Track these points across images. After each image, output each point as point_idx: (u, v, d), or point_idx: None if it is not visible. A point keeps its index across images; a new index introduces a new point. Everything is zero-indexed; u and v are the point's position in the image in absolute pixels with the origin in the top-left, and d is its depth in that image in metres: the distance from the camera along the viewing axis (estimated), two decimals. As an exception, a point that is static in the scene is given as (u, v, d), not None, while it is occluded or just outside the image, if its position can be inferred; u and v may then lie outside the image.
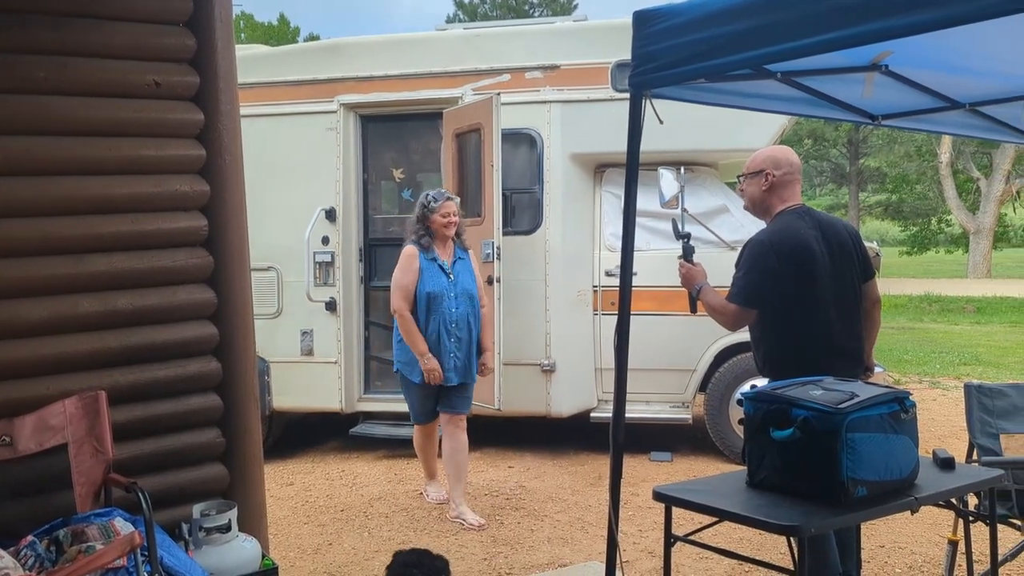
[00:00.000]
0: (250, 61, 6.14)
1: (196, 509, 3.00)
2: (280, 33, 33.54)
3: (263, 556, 3.10)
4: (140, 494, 2.55)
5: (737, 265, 3.36)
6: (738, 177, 3.61)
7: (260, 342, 3.52)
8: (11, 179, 2.78)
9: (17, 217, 2.80)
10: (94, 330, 2.95)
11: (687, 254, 3.55)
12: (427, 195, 4.84)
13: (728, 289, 3.34)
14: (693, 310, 3.57)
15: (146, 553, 2.48)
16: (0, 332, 2.77)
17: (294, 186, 6.28)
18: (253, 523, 3.30)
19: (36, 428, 2.72)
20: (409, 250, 4.77)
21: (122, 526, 2.61)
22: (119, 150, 2.98)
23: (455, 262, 4.83)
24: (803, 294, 3.24)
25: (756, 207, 3.48)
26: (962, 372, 9.93)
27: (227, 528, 2.98)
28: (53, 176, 2.87)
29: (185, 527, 2.98)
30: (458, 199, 4.92)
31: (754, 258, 3.28)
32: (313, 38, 31.93)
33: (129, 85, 2.99)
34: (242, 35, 30.62)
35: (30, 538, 2.58)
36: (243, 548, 3.00)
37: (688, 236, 3.60)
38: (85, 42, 2.89)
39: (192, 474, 3.19)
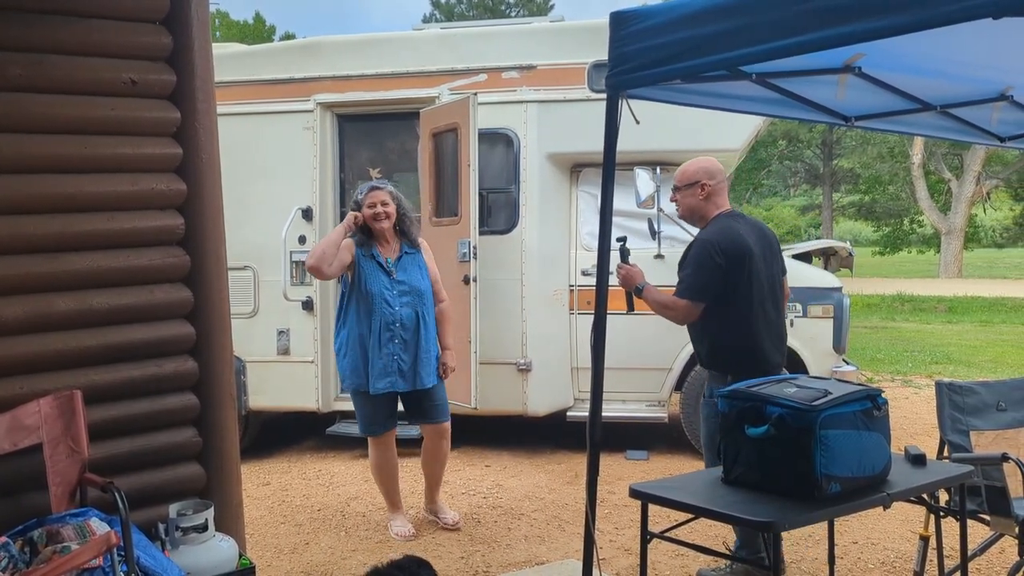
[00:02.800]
0: (227, 59, 6.11)
1: (172, 509, 2.98)
2: (255, 31, 33.34)
3: (240, 555, 3.09)
4: (116, 494, 2.54)
5: (682, 264, 3.70)
6: (672, 189, 3.93)
7: (237, 341, 3.50)
8: (-16, 177, 2.75)
9: (-9, 215, 2.77)
10: (69, 329, 2.93)
11: (624, 256, 3.84)
12: (360, 186, 4.51)
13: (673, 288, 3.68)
14: (631, 308, 3.86)
15: (122, 553, 2.46)
16: (-27, 331, 2.74)
17: (271, 185, 6.25)
18: (230, 523, 3.28)
19: (10, 428, 2.69)
20: (346, 243, 4.33)
21: (98, 526, 2.59)
22: (95, 148, 2.95)
23: (400, 258, 4.40)
24: (744, 289, 3.61)
25: (693, 215, 3.84)
26: (934, 370, 10.08)
27: (204, 528, 2.96)
28: (28, 174, 2.84)
29: (162, 527, 2.96)
30: (389, 185, 4.46)
31: (701, 256, 3.61)
32: (288, 37, 31.75)
33: (105, 83, 2.96)
34: (217, 33, 30.36)
35: (4, 539, 2.55)
36: (220, 548, 2.99)
37: (624, 239, 3.88)
38: (61, 39, 2.86)
39: (168, 474, 3.17)
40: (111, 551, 2.35)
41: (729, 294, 3.58)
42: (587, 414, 3.15)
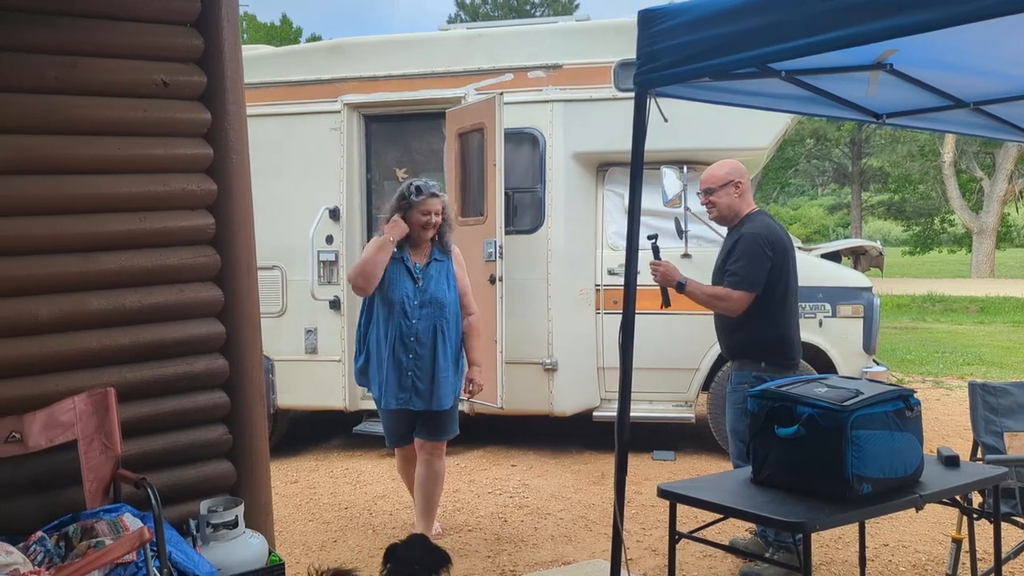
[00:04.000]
0: (255, 61, 6.16)
1: (203, 505, 3.01)
2: (282, 34, 33.60)
3: (269, 552, 3.12)
4: (149, 490, 2.57)
5: (729, 258, 3.82)
6: (700, 192, 4.04)
7: (265, 340, 3.53)
8: (21, 177, 2.80)
9: (26, 215, 2.81)
10: (103, 327, 2.97)
11: (656, 253, 3.95)
12: (410, 184, 4.05)
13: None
14: (667, 304, 4.03)
15: (155, 548, 2.49)
16: (10, 330, 2.78)
17: (298, 185, 6.30)
18: (259, 519, 3.31)
19: (46, 425, 2.73)
20: (371, 241, 4.10)
21: (131, 522, 2.62)
22: (128, 149, 2.99)
23: (428, 264, 4.09)
24: (784, 282, 3.80)
25: (729, 214, 3.95)
26: (965, 372, 9.94)
27: (234, 524, 2.99)
28: (62, 175, 2.88)
29: (193, 523, 2.99)
30: (446, 196, 4.20)
31: (754, 249, 3.75)
32: (315, 39, 31.94)
33: (137, 85, 3.00)
34: (244, 35, 30.61)
35: (39, 534, 2.60)
36: (250, 544, 3.01)
37: (655, 236, 3.99)
38: (94, 42, 2.90)
39: (199, 470, 3.20)
40: (144, 546, 2.38)
41: (772, 286, 3.76)
42: (613, 414, 3.14)
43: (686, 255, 5.75)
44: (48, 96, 2.83)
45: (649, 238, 3.92)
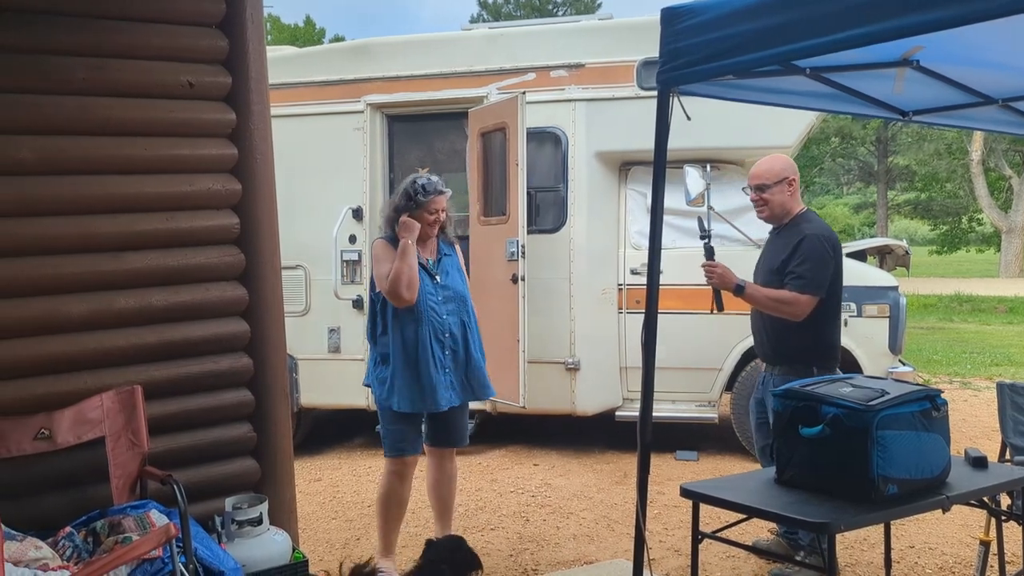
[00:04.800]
0: (279, 62, 6.21)
1: (228, 502, 3.04)
2: (306, 35, 33.81)
3: (293, 549, 3.14)
4: (175, 487, 2.60)
5: (792, 259, 3.61)
6: (749, 189, 3.86)
7: (288, 339, 3.56)
8: (50, 178, 2.84)
9: (56, 215, 2.86)
10: (130, 326, 3.01)
11: (709, 254, 3.75)
12: (415, 182, 3.84)
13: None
14: (720, 308, 3.77)
15: (181, 544, 2.52)
16: (40, 328, 2.83)
17: (322, 185, 6.34)
18: (283, 517, 3.34)
19: (74, 422, 2.78)
20: (382, 243, 3.83)
21: (157, 518, 2.66)
22: (155, 149, 3.03)
23: (440, 259, 3.94)
24: (838, 285, 3.67)
25: (781, 212, 3.78)
26: (994, 372, 9.81)
27: (258, 521, 3.02)
28: (91, 175, 2.93)
29: (218, 520, 3.03)
30: (449, 192, 3.96)
31: (820, 251, 3.60)
32: (338, 39, 32.12)
33: (164, 86, 3.04)
34: (268, 37, 30.84)
35: (68, 529, 2.64)
36: (274, 541, 3.04)
37: (708, 236, 3.81)
38: (122, 44, 2.94)
39: (224, 468, 3.24)
40: (170, 542, 2.41)
41: (830, 289, 3.63)
42: (636, 414, 3.12)
43: (709, 254, 5.72)
44: (76, 97, 2.88)
45: (702, 238, 3.79)
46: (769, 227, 3.98)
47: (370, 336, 3.95)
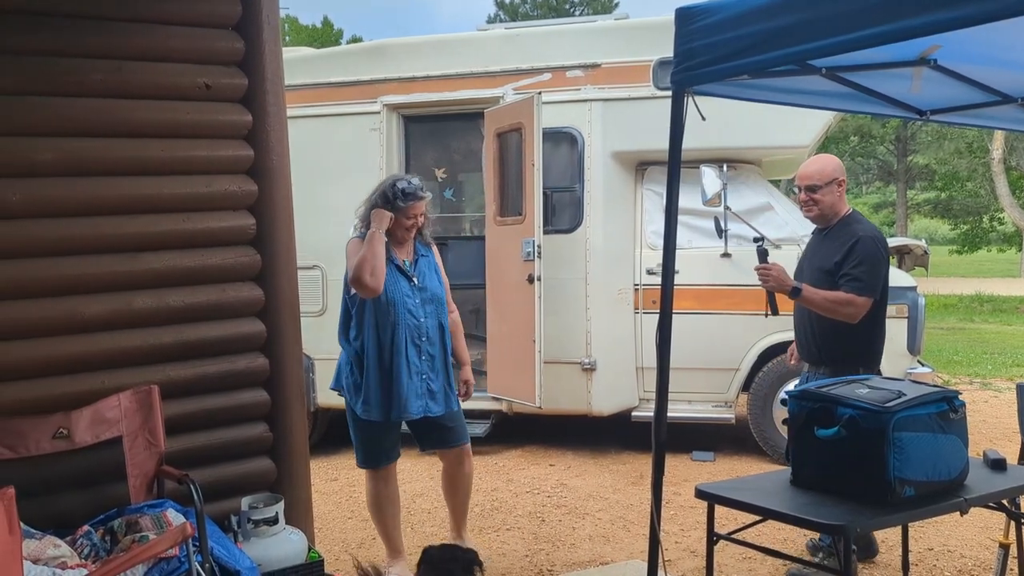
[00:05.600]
0: (296, 63, 6.23)
1: (244, 502, 3.06)
2: (324, 35, 33.91)
3: (309, 549, 3.16)
4: (192, 486, 2.62)
5: (847, 260, 3.59)
6: (798, 188, 3.80)
7: (305, 339, 3.58)
8: (68, 179, 2.87)
9: (74, 216, 2.89)
10: (147, 326, 3.03)
11: (763, 257, 3.72)
12: (395, 184, 3.71)
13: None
14: (775, 312, 3.76)
15: (197, 544, 2.54)
16: (58, 328, 2.86)
17: (338, 186, 6.35)
18: (299, 516, 3.36)
19: (92, 421, 2.80)
20: (354, 243, 3.68)
21: (174, 517, 2.68)
22: (172, 151, 3.06)
23: (416, 260, 3.80)
24: (886, 290, 3.68)
25: (830, 213, 3.77)
26: (1015, 373, 9.70)
27: (274, 521, 3.03)
28: (108, 176, 2.95)
29: (234, 519, 3.05)
30: (429, 195, 3.84)
31: (876, 253, 3.61)
32: (356, 40, 32.22)
33: (181, 88, 3.06)
34: (287, 38, 31.02)
35: (86, 528, 2.67)
36: (290, 540, 3.06)
37: (762, 239, 3.74)
38: (139, 46, 2.97)
39: (241, 467, 3.26)
40: (186, 541, 2.43)
41: (882, 291, 3.66)
42: (652, 414, 3.12)
43: (726, 254, 5.70)
44: (94, 99, 2.91)
45: (755, 240, 3.78)
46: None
47: (342, 338, 3.82)
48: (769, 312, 3.77)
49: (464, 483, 4.00)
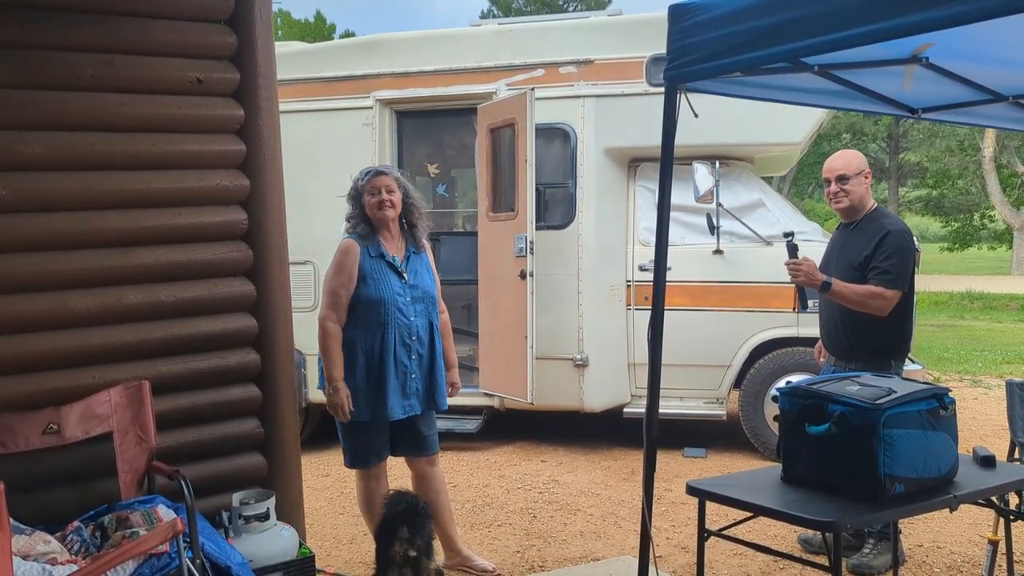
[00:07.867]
0: (288, 58, 6.21)
1: (235, 497, 3.06)
2: (316, 30, 33.83)
3: (300, 544, 3.15)
4: (182, 482, 2.61)
5: (876, 254, 3.62)
6: (827, 181, 3.82)
7: (297, 335, 3.56)
8: (58, 173, 2.86)
9: (64, 211, 2.88)
10: (138, 321, 3.02)
11: (792, 252, 3.71)
12: (360, 173, 3.71)
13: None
14: (804, 307, 3.80)
15: (188, 539, 2.53)
16: (48, 323, 2.85)
17: (330, 181, 6.32)
18: (290, 512, 3.35)
19: (83, 416, 2.79)
20: (346, 245, 3.60)
21: (164, 513, 2.67)
22: (163, 145, 3.04)
23: (408, 257, 3.71)
24: (913, 283, 3.72)
25: (859, 205, 3.79)
26: (1005, 371, 9.75)
27: (265, 516, 3.03)
28: (99, 171, 2.94)
29: (225, 515, 3.04)
30: (396, 172, 3.73)
31: (905, 246, 3.64)
32: (349, 35, 32.12)
33: (172, 82, 3.05)
34: (279, 32, 30.90)
35: (76, 523, 2.66)
36: (281, 536, 3.05)
37: (791, 234, 3.79)
38: (130, 40, 2.96)
39: (232, 463, 3.25)
40: (177, 537, 2.42)
41: (911, 284, 3.71)
42: (644, 410, 3.12)
43: (718, 251, 5.71)
44: (85, 93, 2.90)
45: (785, 235, 3.78)
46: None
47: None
48: (797, 307, 3.85)
49: (442, 486, 3.94)
